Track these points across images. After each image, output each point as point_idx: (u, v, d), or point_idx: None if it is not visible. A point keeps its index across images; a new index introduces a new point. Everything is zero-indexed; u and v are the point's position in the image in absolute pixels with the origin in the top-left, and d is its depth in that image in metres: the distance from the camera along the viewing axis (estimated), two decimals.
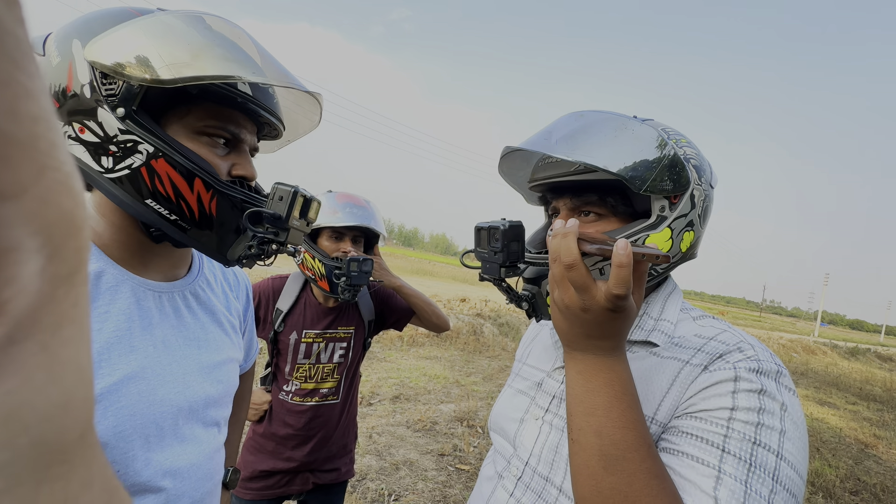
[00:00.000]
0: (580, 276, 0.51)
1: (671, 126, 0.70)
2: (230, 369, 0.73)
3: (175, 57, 0.52)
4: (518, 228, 0.61)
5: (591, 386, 0.53)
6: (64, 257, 0.14)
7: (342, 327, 1.52)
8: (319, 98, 0.69)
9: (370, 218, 1.47)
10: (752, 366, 0.55)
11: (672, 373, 0.60)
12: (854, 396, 8.76)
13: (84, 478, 0.16)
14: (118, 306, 0.57)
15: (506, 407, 0.79)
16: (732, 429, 0.51)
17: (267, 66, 0.58)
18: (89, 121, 0.54)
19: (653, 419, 0.59)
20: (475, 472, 3.24)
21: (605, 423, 0.51)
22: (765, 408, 0.52)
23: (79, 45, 0.53)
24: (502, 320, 9.11)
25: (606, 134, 0.64)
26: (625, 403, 0.51)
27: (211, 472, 0.67)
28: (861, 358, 17.52)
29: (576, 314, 0.52)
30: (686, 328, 0.66)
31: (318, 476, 1.48)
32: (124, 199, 0.55)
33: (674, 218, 0.64)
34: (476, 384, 5.42)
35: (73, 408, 0.14)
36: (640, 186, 0.61)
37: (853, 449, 5.27)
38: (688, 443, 0.53)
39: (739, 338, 0.61)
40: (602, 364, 0.53)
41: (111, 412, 0.53)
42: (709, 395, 0.55)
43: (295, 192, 0.64)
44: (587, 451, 0.51)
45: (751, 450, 0.49)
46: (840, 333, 75.48)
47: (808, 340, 20.70)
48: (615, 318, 0.51)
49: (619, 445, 0.49)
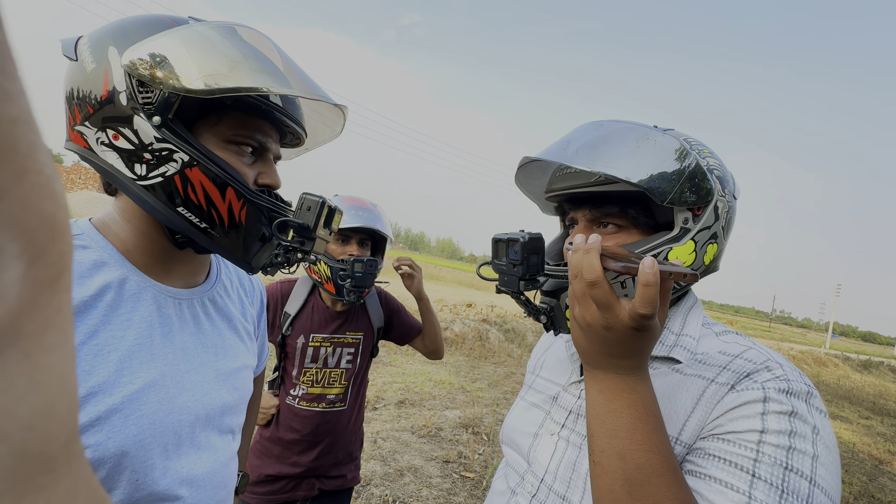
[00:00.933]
0: (603, 294, 0.49)
1: (693, 136, 0.69)
2: (245, 376, 0.73)
3: (213, 68, 0.52)
4: (538, 241, 0.60)
5: (614, 407, 0.51)
6: (46, 262, 0.13)
7: (350, 332, 1.52)
8: (345, 110, 0.70)
9: (376, 220, 1.46)
10: (782, 386, 0.53)
11: (696, 391, 0.58)
12: (867, 411, 8.58)
13: (69, 488, 0.16)
14: (140, 314, 0.58)
15: (519, 420, 0.77)
16: (763, 452, 0.49)
17: (295, 77, 0.58)
18: (124, 128, 0.54)
19: (677, 440, 0.57)
20: (480, 480, 3.21)
21: (629, 446, 0.49)
22: (796, 431, 0.50)
23: (115, 53, 0.53)
24: (508, 326, 9.07)
25: (628, 144, 0.62)
26: (649, 426, 0.49)
27: (225, 479, 0.67)
28: (874, 371, 17.18)
29: (598, 332, 0.51)
30: (709, 344, 0.64)
31: (324, 482, 1.47)
32: (156, 206, 0.56)
33: (697, 230, 0.62)
34: (481, 390, 5.39)
35: (56, 416, 0.14)
36: (664, 198, 0.59)
37: (867, 465, 5.15)
38: (716, 466, 0.51)
39: (767, 356, 0.59)
40: (624, 384, 0.51)
41: (132, 421, 0.53)
42: (736, 416, 0.53)
43: (323, 202, 0.65)
44: (610, 475, 0.49)
45: (783, 475, 0.47)
46: (852, 345, 74.17)
47: (818, 352, 20.35)
48: (639, 337, 0.49)
49: (644, 470, 0.48)
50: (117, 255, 0.58)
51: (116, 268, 0.57)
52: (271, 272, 0.67)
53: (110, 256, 0.58)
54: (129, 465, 0.52)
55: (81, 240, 0.57)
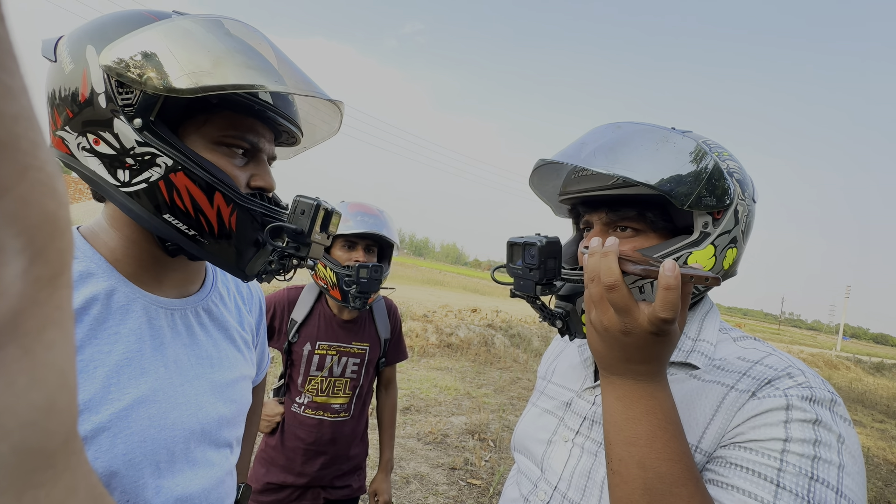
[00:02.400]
0: (622, 298, 0.48)
1: (711, 138, 0.67)
2: (243, 387, 0.71)
3: (196, 65, 0.49)
4: (555, 245, 0.59)
5: (632, 414, 0.50)
6: (47, 259, 0.13)
7: (357, 342, 1.51)
8: (341, 106, 0.67)
9: (382, 226, 1.45)
10: (805, 393, 0.52)
11: (716, 398, 0.56)
12: (881, 414, 8.43)
13: (69, 484, 0.16)
14: (129, 326, 0.55)
15: (532, 427, 0.76)
16: (787, 462, 0.47)
17: (288, 72, 0.55)
18: (105, 132, 0.51)
19: (697, 447, 0.55)
20: (487, 487, 3.17)
21: (649, 455, 0.47)
22: (821, 440, 0.48)
23: (93, 52, 0.50)
24: (513, 331, 9.02)
25: (647, 147, 0.61)
26: (669, 433, 0.48)
27: (222, 496, 0.64)
28: (887, 373, 16.91)
29: (615, 337, 0.50)
30: (727, 350, 0.62)
31: (330, 492, 1.46)
32: (141, 214, 0.53)
33: (717, 234, 0.60)
34: (487, 396, 5.35)
35: (56, 412, 0.14)
36: (684, 202, 0.57)
37: (882, 470, 5.05)
38: (738, 476, 0.49)
39: (788, 362, 0.58)
40: (643, 391, 0.50)
41: (121, 439, 0.51)
42: (758, 423, 0.51)
43: (317, 205, 0.62)
44: (630, 483, 0.48)
45: (808, 485, 0.46)
46: (864, 347, 73.16)
47: (830, 354, 20.08)
48: (658, 342, 0.48)
49: (665, 479, 0.46)
50: (105, 264, 0.56)
51: (104, 279, 0.55)
52: (267, 279, 0.64)
53: (97, 267, 0.55)
54: (119, 485, 0.50)
55: None
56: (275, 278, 0.65)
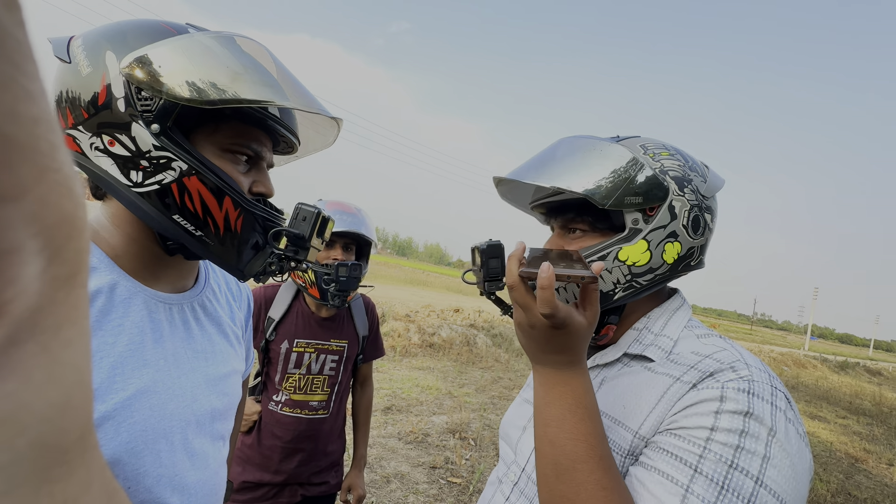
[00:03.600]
0: (520, 296, 0.55)
1: (656, 139, 0.71)
2: (235, 381, 0.73)
3: (216, 79, 0.53)
4: (496, 248, 0.65)
5: (549, 398, 0.56)
6: (65, 259, 0.14)
7: (335, 339, 1.52)
8: (340, 122, 0.71)
9: (360, 224, 1.47)
10: (742, 386, 0.54)
11: (661, 388, 0.60)
12: (844, 410, 8.81)
13: (84, 479, 0.16)
14: (132, 319, 0.57)
15: (512, 415, 0.81)
16: (709, 449, 0.50)
17: (292, 88, 0.59)
18: (121, 134, 0.54)
19: (636, 433, 0.59)
20: (467, 485, 3.21)
21: (558, 434, 0.53)
22: (748, 431, 0.50)
23: (113, 58, 0.53)
24: (495, 331, 9.10)
25: (574, 156, 0.67)
26: (577, 416, 0.53)
27: (216, 487, 0.66)
28: (850, 372, 17.66)
29: (525, 331, 0.57)
30: (687, 345, 0.65)
31: (307, 489, 1.46)
32: (150, 214, 0.56)
33: (650, 230, 0.65)
34: (469, 395, 5.39)
35: (72, 409, 0.15)
36: (604, 202, 0.63)
37: (843, 463, 5.29)
38: (662, 459, 0.53)
39: (736, 356, 0.59)
40: (558, 377, 0.56)
41: (124, 428, 0.53)
42: (691, 413, 0.54)
43: (318, 213, 0.67)
44: (543, 459, 0.54)
45: (725, 472, 0.48)
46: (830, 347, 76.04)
47: (798, 354, 20.84)
48: (559, 334, 0.54)
49: (570, 456, 0.52)
50: (107, 260, 0.58)
51: (106, 273, 0.57)
52: (263, 280, 0.67)
53: (100, 261, 0.57)
54: (121, 473, 0.52)
55: None
56: (270, 279, 0.68)
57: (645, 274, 0.66)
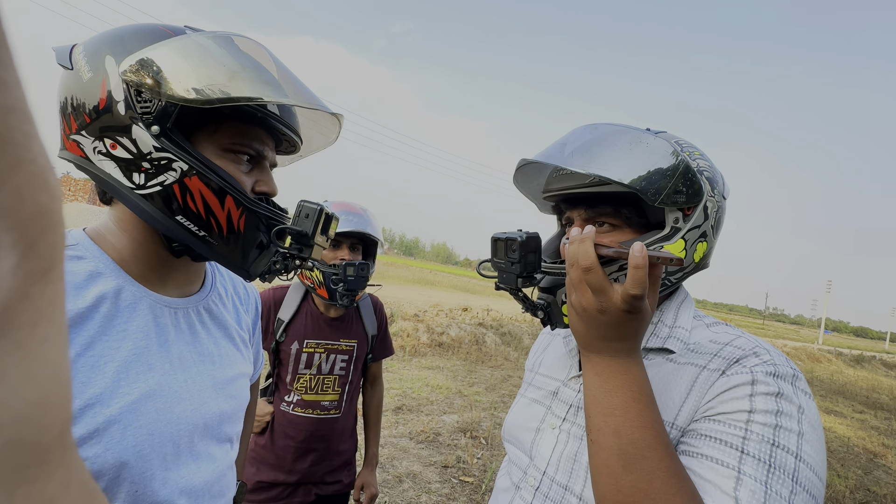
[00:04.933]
0: (597, 279, 0.53)
1: (683, 138, 0.71)
2: (242, 384, 0.73)
3: (213, 79, 0.53)
4: (535, 240, 0.62)
5: (609, 387, 0.54)
6: (39, 253, 0.13)
7: (344, 339, 1.53)
8: (340, 119, 0.71)
9: (366, 224, 1.48)
10: (769, 370, 0.56)
11: (690, 378, 0.61)
12: (861, 405, 8.67)
13: (62, 479, 0.16)
14: (136, 324, 0.58)
15: (521, 416, 0.79)
16: (751, 431, 0.52)
17: (291, 86, 0.59)
18: (122, 137, 0.54)
19: (673, 424, 0.59)
20: (479, 484, 3.20)
21: (624, 423, 0.52)
22: (782, 410, 0.53)
23: (112, 62, 0.53)
24: (504, 329, 9.08)
25: (621, 147, 0.65)
26: (642, 403, 0.52)
27: (223, 489, 0.66)
28: (866, 365, 17.37)
29: (593, 316, 0.54)
30: (701, 335, 0.67)
31: (321, 488, 1.48)
32: (154, 215, 0.56)
33: (687, 229, 0.64)
34: (479, 394, 5.38)
35: (49, 407, 0.14)
36: (655, 199, 0.62)
37: (862, 459, 5.20)
38: (707, 445, 0.54)
39: (755, 343, 0.62)
40: (619, 366, 0.54)
41: (130, 432, 0.53)
42: (727, 398, 0.56)
43: (321, 209, 0.66)
44: (606, 450, 0.52)
45: (770, 451, 0.50)
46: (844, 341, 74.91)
47: (812, 348, 20.55)
48: (631, 319, 0.52)
49: (638, 444, 0.50)
50: (112, 265, 0.58)
51: (112, 278, 0.57)
52: (269, 279, 0.67)
53: (105, 266, 0.57)
54: (129, 476, 0.52)
55: (76, 250, 0.57)
56: (276, 278, 0.68)
57: (676, 272, 0.67)
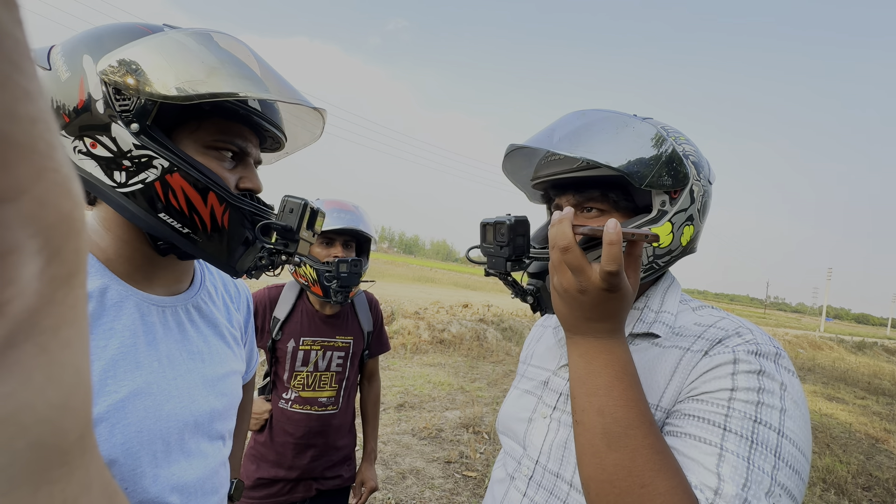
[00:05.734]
0: (575, 258, 0.53)
1: (669, 124, 0.72)
2: (233, 382, 0.73)
3: (191, 75, 0.53)
4: (523, 223, 0.62)
5: (593, 368, 0.54)
6: (63, 259, 0.14)
7: (340, 336, 1.54)
8: (323, 113, 0.71)
9: (359, 221, 1.49)
10: (751, 348, 0.57)
11: (674, 361, 0.61)
12: (863, 391, 8.69)
13: (83, 480, 0.16)
14: (123, 322, 0.57)
15: (513, 408, 0.80)
16: (733, 408, 0.52)
17: (272, 81, 0.59)
18: (102, 136, 0.54)
19: (657, 406, 0.60)
20: (482, 479, 3.22)
21: (607, 402, 0.52)
22: (764, 387, 0.53)
23: (90, 61, 0.53)
24: (505, 325, 9.09)
25: (608, 131, 0.65)
26: (625, 383, 0.53)
27: (217, 486, 0.67)
28: (868, 352, 17.41)
29: (574, 297, 0.54)
30: (686, 318, 0.67)
31: (322, 482, 1.49)
32: (137, 213, 0.56)
33: (674, 212, 0.65)
34: (481, 390, 5.40)
35: (71, 410, 0.14)
36: (642, 182, 0.62)
37: (864, 444, 5.22)
38: (690, 424, 0.54)
39: (738, 323, 0.63)
40: (602, 346, 0.55)
41: (119, 429, 0.53)
42: (709, 378, 0.56)
43: (305, 204, 0.66)
44: (591, 430, 0.53)
45: (752, 428, 0.51)
46: (846, 328, 75.01)
47: (813, 336, 20.59)
48: (611, 298, 0.53)
49: (622, 423, 0.51)
50: (98, 264, 0.58)
51: (97, 277, 0.57)
52: (256, 275, 0.67)
53: (90, 266, 0.57)
54: (118, 473, 0.52)
55: None
56: (263, 274, 0.68)
57: (664, 256, 0.67)
